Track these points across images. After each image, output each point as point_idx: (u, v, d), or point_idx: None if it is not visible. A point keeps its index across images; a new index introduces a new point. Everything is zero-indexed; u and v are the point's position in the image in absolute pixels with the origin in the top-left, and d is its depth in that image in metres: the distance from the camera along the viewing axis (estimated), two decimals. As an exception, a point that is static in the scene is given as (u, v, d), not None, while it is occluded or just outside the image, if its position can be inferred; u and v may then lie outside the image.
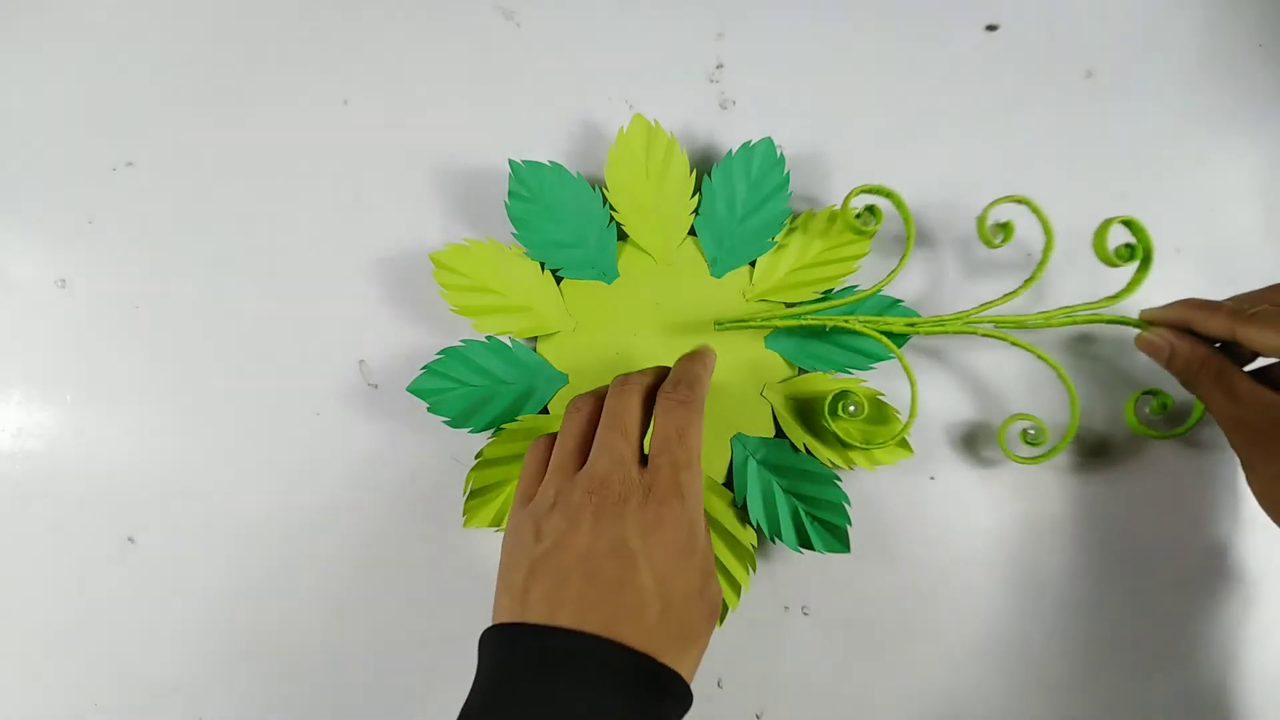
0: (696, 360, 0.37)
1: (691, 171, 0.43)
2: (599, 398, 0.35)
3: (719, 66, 0.46)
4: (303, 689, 0.41)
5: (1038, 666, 0.43)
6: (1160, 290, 0.45)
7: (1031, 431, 0.41)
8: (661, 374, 0.36)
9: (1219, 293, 0.45)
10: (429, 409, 0.40)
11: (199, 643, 0.41)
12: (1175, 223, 0.46)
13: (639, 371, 0.36)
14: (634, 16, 0.46)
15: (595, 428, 0.34)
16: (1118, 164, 0.46)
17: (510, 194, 0.42)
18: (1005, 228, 0.42)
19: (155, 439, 0.42)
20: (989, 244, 0.42)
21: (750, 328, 0.42)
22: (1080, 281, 0.44)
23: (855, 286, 0.43)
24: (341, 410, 0.42)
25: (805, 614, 0.43)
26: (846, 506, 0.41)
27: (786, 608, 0.43)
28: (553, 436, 0.36)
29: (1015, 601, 0.43)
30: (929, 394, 0.43)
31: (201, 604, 0.41)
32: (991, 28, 0.47)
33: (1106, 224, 0.41)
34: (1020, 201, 0.42)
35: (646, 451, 0.34)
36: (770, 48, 0.46)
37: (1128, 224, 0.42)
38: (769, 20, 0.46)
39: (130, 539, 0.41)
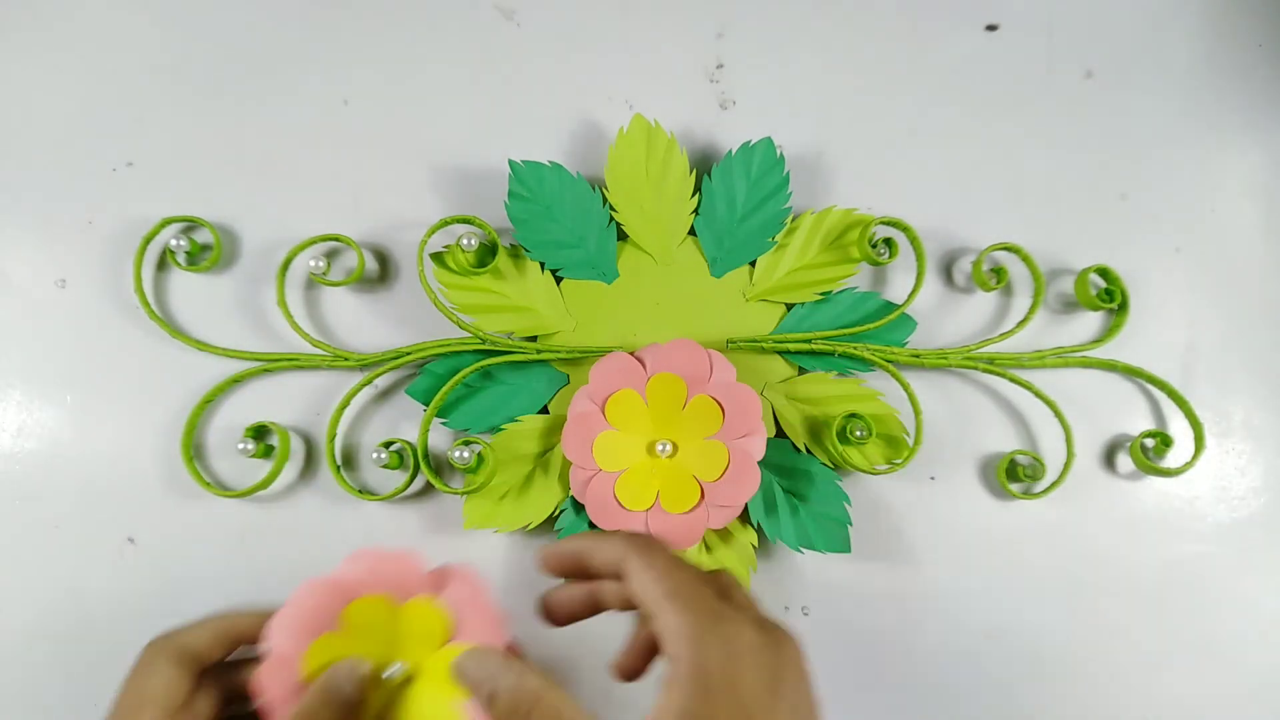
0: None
1: (691, 171, 0.43)
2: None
3: (719, 66, 0.46)
4: (303, 689, 0.41)
5: (1036, 666, 0.43)
6: (1162, 289, 0.45)
7: (1028, 465, 0.42)
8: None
9: (1218, 292, 0.45)
10: (428, 409, 0.40)
11: (199, 643, 0.41)
12: (1175, 223, 0.46)
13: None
14: (634, 16, 0.46)
15: None
16: (1118, 164, 0.46)
17: (510, 194, 0.42)
18: (999, 272, 0.43)
19: (155, 439, 0.42)
20: (985, 287, 0.43)
21: (764, 351, 0.42)
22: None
23: (855, 288, 0.43)
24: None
25: (805, 614, 0.43)
26: (846, 506, 0.41)
27: (786, 608, 0.43)
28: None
29: (1014, 601, 0.43)
30: (929, 396, 0.43)
31: (201, 604, 0.41)
32: (991, 28, 0.47)
33: (1084, 273, 0.43)
34: (1011, 250, 0.43)
35: None
36: (770, 48, 0.46)
37: (1102, 273, 0.43)
38: (769, 20, 0.46)
39: (130, 539, 0.41)
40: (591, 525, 0.40)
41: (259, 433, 0.41)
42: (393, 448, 0.40)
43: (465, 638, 0.30)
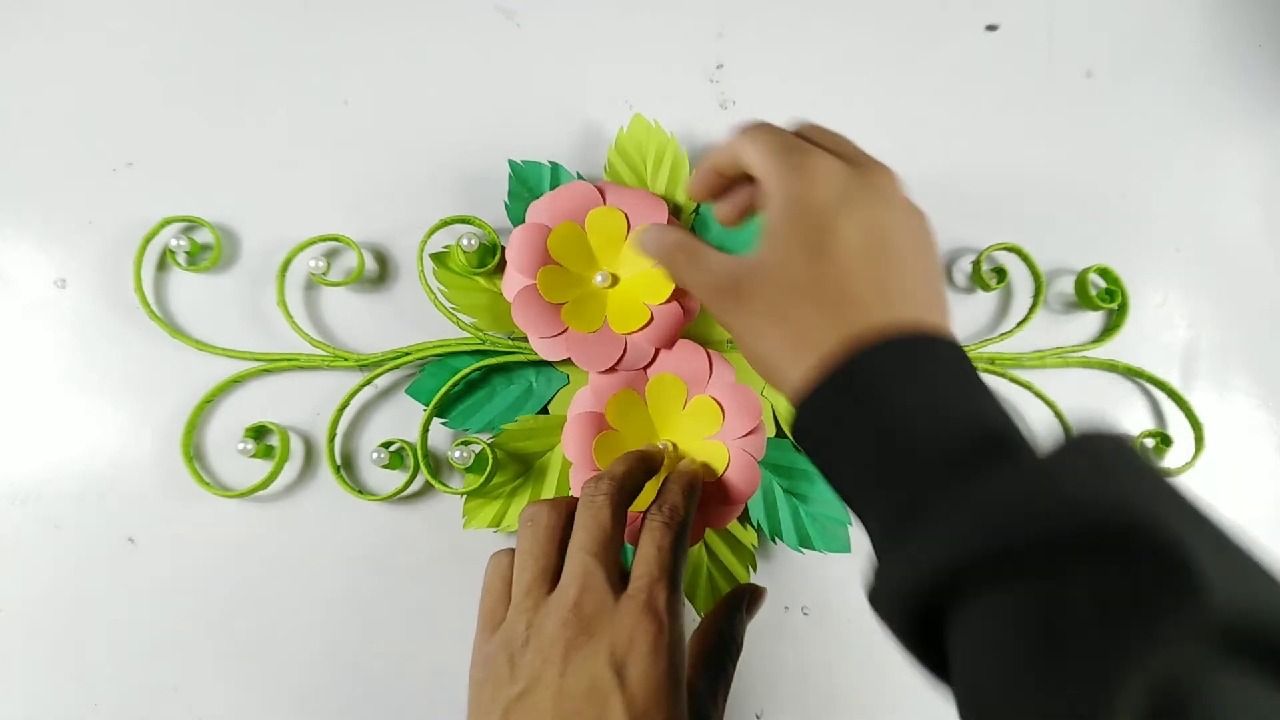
0: (680, 481, 0.35)
1: (691, 171, 0.43)
2: (559, 510, 0.33)
3: (719, 66, 0.46)
4: (302, 689, 0.41)
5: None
6: (1162, 289, 0.45)
7: None
8: (633, 474, 0.34)
9: (1218, 292, 0.45)
10: (428, 409, 0.40)
11: (199, 643, 0.41)
12: (1175, 222, 0.46)
13: (606, 475, 0.33)
14: (634, 16, 0.46)
15: (558, 543, 0.32)
16: (1118, 164, 0.46)
17: (510, 194, 0.42)
18: (999, 272, 0.43)
19: (155, 439, 0.42)
20: (985, 287, 0.43)
21: None
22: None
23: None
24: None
25: (805, 614, 0.43)
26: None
27: (786, 608, 0.43)
28: (513, 552, 0.33)
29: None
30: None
31: (201, 604, 0.41)
32: (991, 28, 0.47)
33: (1084, 273, 0.43)
34: (1011, 250, 0.43)
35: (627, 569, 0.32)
36: (770, 48, 0.46)
37: (1102, 273, 0.43)
38: (769, 20, 0.46)
39: (130, 539, 0.41)
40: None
41: (259, 433, 0.41)
42: (392, 448, 0.40)
43: (639, 222, 0.39)
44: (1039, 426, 0.44)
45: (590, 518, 0.31)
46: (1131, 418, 0.44)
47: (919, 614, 0.24)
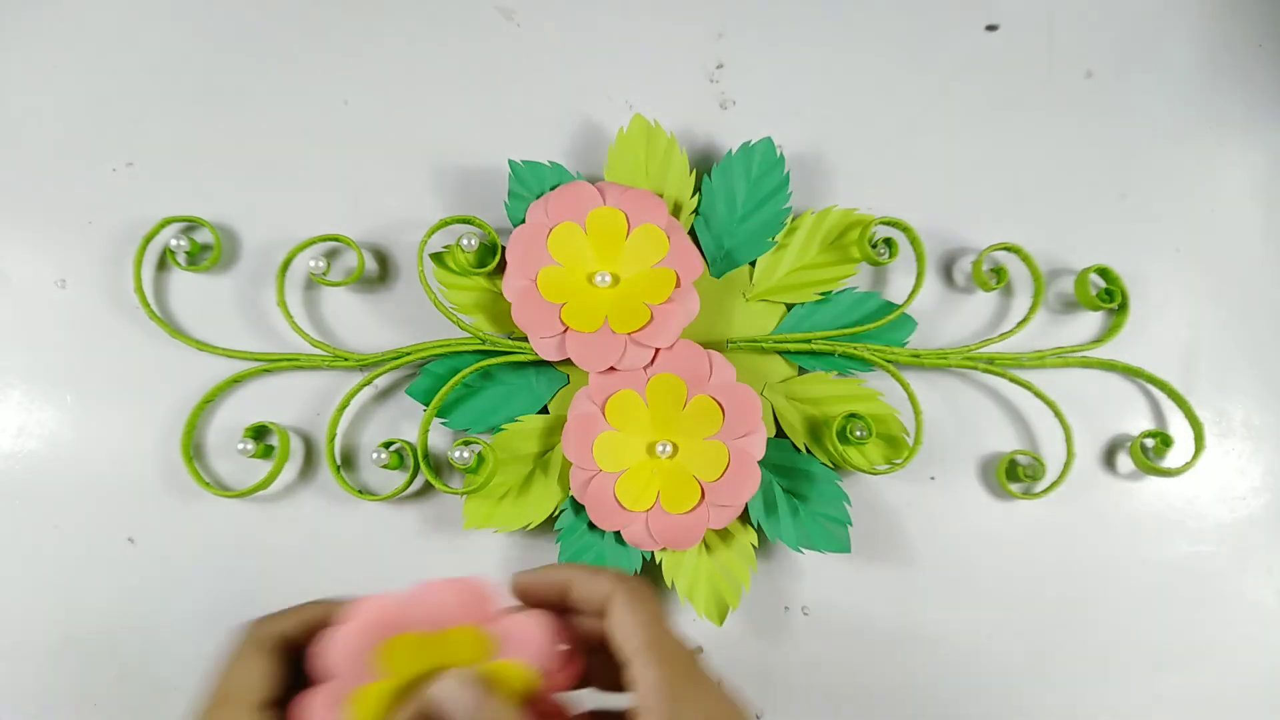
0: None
1: (691, 171, 0.43)
2: None
3: (719, 66, 0.46)
4: (303, 689, 0.41)
5: (1037, 666, 0.43)
6: (1162, 289, 0.45)
7: (1028, 465, 0.42)
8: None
9: (1218, 292, 0.45)
10: (428, 409, 0.40)
11: (199, 643, 0.41)
12: (1175, 223, 0.46)
13: None
14: (634, 16, 0.46)
15: None
16: (1118, 164, 0.46)
17: (510, 194, 0.42)
18: (999, 272, 0.43)
19: (155, 439, 0.42)
20: (985, 287, 0.43)
21: (764, 350, 0.42)
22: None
23: (855, 288, 0.43)
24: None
25: (805, 614, 0.43)
26: (846, 506, 0.41)
27: (786, 608, 0.43)
28: None
29: (1014, 601, 0.43)
30: (929, 396, 0.43)
31: (201, 604, 0.41)
32: (991, 28, 0.47)
33: (1084, 273, 0.43)
34: (1011, 250, 0.43)
35: None
36: (770, 48, 0.46)
37: (1102, 273, 0.43)
38: (769, 20, 0.46)
39: (130, 539, 0.41)
40: (591, 526, 0.40)
41: (259, 433, 0.41)
42: (393, 448, 0.40)
43: (639, 222, 0.34)
44: (1039, 427, 0.44)
45: None
46: (1131, 418, 0.44)
47: None
